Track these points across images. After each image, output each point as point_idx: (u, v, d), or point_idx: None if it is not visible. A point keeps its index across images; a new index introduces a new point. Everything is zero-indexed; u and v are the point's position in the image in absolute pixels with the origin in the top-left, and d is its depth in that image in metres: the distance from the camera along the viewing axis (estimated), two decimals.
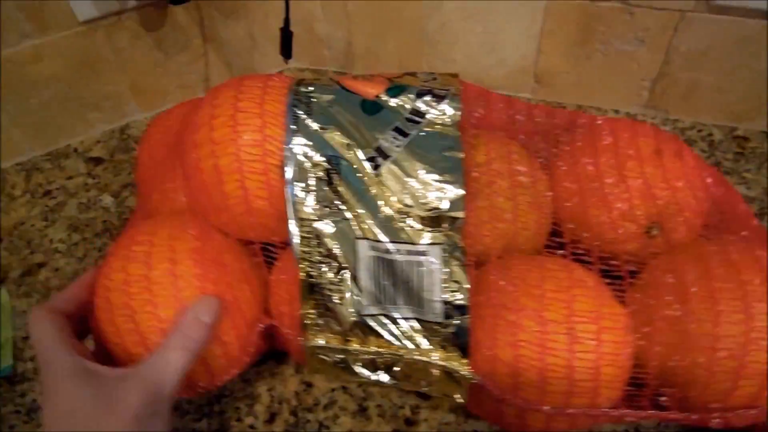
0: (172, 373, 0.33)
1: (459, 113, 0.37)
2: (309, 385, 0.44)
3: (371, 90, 0.38)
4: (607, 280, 0.36)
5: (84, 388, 0.32)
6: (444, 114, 0.37)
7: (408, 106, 0.37)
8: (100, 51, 0.60)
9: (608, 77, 0.59)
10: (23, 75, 0.58)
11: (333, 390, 0.44)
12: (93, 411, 0.31)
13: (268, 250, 0.39)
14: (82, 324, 0.37)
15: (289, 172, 0.35)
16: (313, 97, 0.37)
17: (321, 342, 0.37)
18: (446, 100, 0.37)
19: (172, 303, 0.35)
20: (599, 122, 0.42)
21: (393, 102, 0.37)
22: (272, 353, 0.44)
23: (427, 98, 0.37)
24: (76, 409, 0.31)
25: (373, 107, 0.37)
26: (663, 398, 0.35)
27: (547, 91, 0.63)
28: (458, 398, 0.38)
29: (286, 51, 0.55)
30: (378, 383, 0.38)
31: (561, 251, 0.38)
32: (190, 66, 0.66)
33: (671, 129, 0.60)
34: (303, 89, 0.38)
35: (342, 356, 0.37)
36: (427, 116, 0.36)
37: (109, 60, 0.61)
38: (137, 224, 0.40)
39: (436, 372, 0.36)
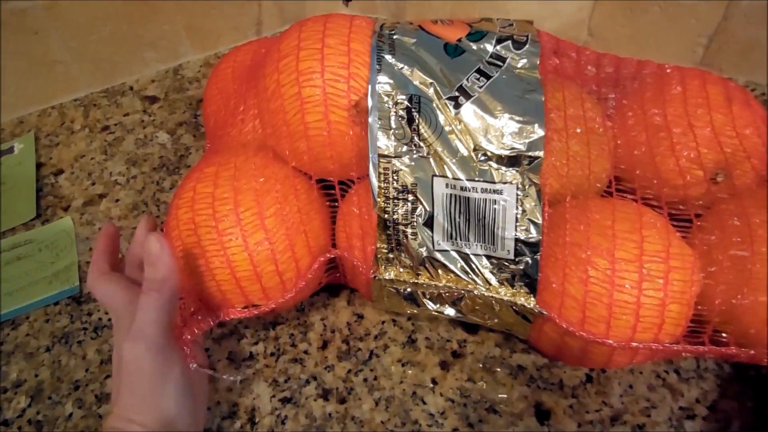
0: (153, 315, 0.34)
1: (538, 59, 0.37)
2: (360, 316, 0.46)
3: (452, 34, 0.38)
4: (674, 223, 0.38)
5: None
6: (524, 59, 0.37)
7: (489, 50, 0.37)
8: None
9: (664, 32, 0.59)
10: (86, 10, 0.58)
11: (383, 322, 0.46)
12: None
13: (342, 185, 0.41)
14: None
15: (372, 110, 0.36)
16: (395, 39, 0.38)
17: (391, 275, 0.39)
18: (526, 46, 0.38)
19: (231, 216, 0.37)
20: (668, 70, 0.42)
21: (474, 46, 0.38)
22: (325, 286, 0.45)
23: (508, 44, 0.38)
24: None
25: (455, 50, 0.37)
26: (724, 335, 0.36)
27: (599, 44, 0.63)
28: (522, 332, 0.39)
29: None
30: (443, 315, 0.40)
31: (630, 196, 0.39)
32: (243, 9, 0.66)
33: None
34: (386, 31, 0.38)
35: (411, 289, 0.39)
36: (508, 61, 0.37)
37: None
38: (208, 156, 0.42)
39: (502, 307, 0.38)
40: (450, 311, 0.40)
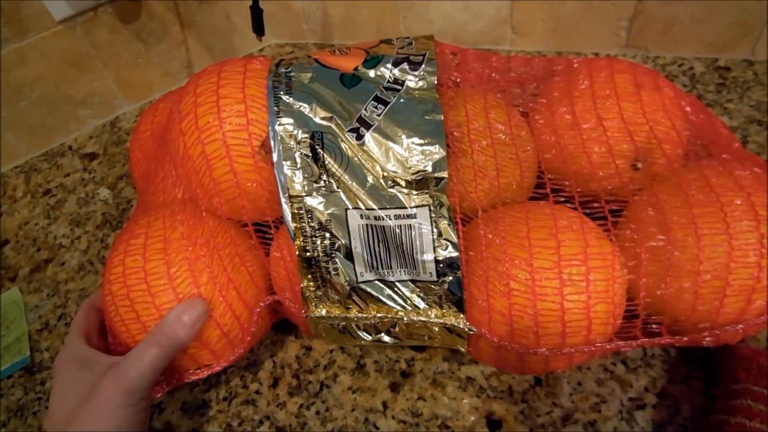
0: (144, 368, 0.35)
1: (435, 78, 0.37)
2: (308, 348, 0.46)
3: (348, 64, 0.39)
4: (599, 222, 0.38)
5: (78, 373, 0.35)
6: (422, 79, 0.37)
7: (386, 76, 0.38)
8: (81, 48, 0.61)
9: (584, 21, 0.60)
10: (9, 80, 0.59)
11: (331, 351, 0.46)
12: (80, 395, 0.34)
13: (263, 231, 0.41)
14: None
15: (275, 153, 0.36)
16: (292, 77, 0.38)
17: (322, 312, 0.39)
18: (422, 66, 0.38)
19: (167, 291, 0.37)
20: (576, 65, 0.42)
21: (371, 73, 0.38)
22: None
23: (404, 66, 0.38)
24: (68, 391, 0.35)
25: (351, 80, 0.38)
26: (654, 326, 0.36)
27: (526, 40, 0.64)
28: (461, 348, 0.40)
29: (259, 28, 0.56)
30: (381, 343, 0.40)
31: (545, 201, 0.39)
32: (171, 54, 0.66)
33: (652, 66, 0.60)
34: (282, 70, 0.38)
35: (344, 323, 0.39)
36: (406, 83, 0.37)
37: (90, 56, 0.61)
38: (136, 218, 0.42)
39: (435, 329, 0.38)
40: (387, 339, 0.40)
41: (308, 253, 0.37)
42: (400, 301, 0.37)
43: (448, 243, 0.36)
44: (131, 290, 0.37)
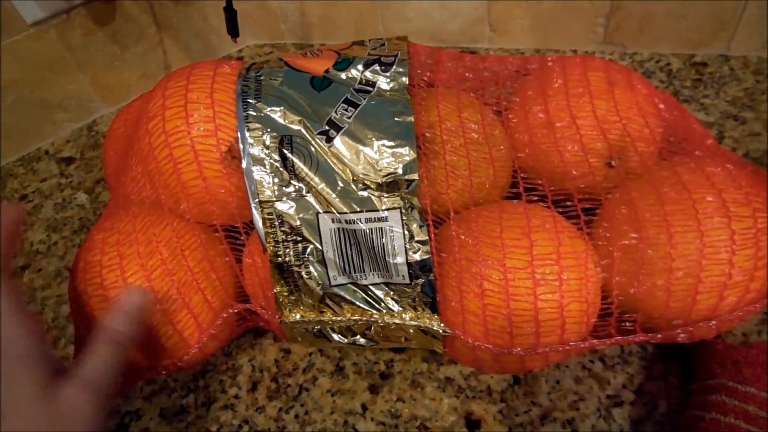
0: (105, 366, 0.32)
1: (406, 79, 0.37)
2: (287, 351, 0.46)
3: (319, 66, 0.38)
4: (575, 221, 0.37)
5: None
6: (393, 80, 0.37)
7: (357, 78, 0.37)
8: (55, 51, 0.60)
9: (562, 18, 0.60)
10: None
11: (310, 354, 0.46)
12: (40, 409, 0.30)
13: (234, 237, 0.40)
14: None
15: (244, 158, 0.36)
16: (262, 81, 0.37)
17: (297, 317, 0.39)
18: (393, 67, 0.38)
19: (119, 284, 0.36)
20: (550, 63, 0.42)
21: (343, 75, 0.38)
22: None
23: (375, 67, 0.38)
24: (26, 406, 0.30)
25: (322, 83, 0.37)
26: (628, 324, 0.36)
27: (504, 39, 0.63)
28: (437, 349, 0.40)
29: (233, 30, 0.55)
30: (357, 345, 0.40)
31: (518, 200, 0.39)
32: (148, 55, 0.66)
33: (629, 63, 0.60)
34: (252, 74, 0.38)
35: (318, 327, 0.39)
36: (377, 85, 0.37)
37: (65, 59, 0.61)
38: (104, 218, 0.42)
39: (411, 331, 0.38)
40: (362, 341, 0.40)
41: (280, 259, 0.37)
42: (374, 304, 0.37)
43: (420, 245, 0.36)
44: (88, 284, 0.37)
